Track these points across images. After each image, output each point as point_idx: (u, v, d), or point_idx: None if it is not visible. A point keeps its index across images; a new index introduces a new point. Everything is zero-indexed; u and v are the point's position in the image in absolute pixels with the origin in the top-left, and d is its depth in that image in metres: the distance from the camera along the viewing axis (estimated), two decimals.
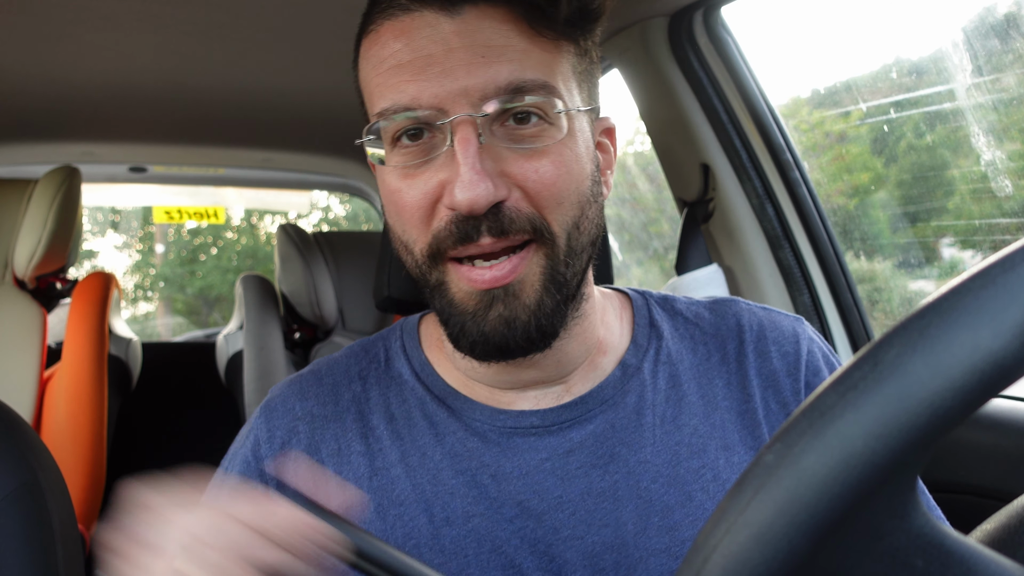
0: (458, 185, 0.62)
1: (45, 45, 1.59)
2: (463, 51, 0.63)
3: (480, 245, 0.65)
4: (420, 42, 0.64)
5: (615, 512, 0.72)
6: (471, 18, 0.64)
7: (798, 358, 0.79)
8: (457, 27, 0.64)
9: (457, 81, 0.63)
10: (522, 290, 0.66)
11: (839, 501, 0.29)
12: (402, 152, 0.67)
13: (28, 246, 1.92)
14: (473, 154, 0.62)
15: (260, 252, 10.59)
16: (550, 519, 0.71)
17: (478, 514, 0.71)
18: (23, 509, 0.99)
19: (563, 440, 0.74)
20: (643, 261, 3.58)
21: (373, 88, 0.68)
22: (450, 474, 0.73)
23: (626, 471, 0.73)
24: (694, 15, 1.51)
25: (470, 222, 0.64)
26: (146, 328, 9.48)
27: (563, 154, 0.66)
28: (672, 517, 0.72)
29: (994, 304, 0.29)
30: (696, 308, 0.85)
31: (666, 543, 0.71)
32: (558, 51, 0.67)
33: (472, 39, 0.63)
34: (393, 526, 0.72)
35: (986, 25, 1.39)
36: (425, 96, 0.63)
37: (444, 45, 0.64)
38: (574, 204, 0.67)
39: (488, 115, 0.63)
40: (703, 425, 0.76)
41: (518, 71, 0.63)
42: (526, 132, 0.65)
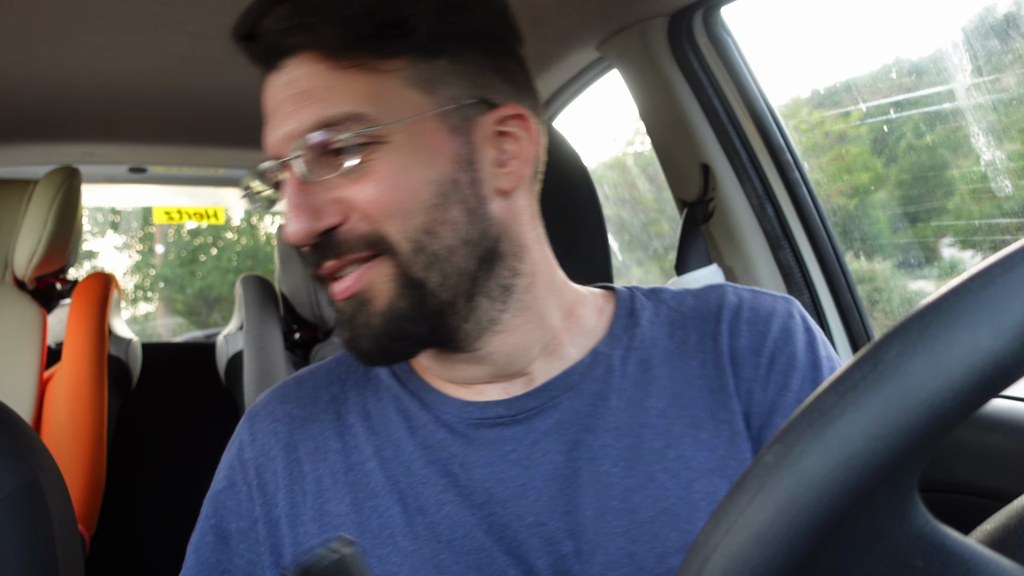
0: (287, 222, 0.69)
1: (45, 45, 1.59)
2: (285, 102, 0.69)
3: (326, 267, 0.71)
4: (266, 99, 0.72)
5: (576, 498, 0.73)
6: (290, 68, 0.69)
7: (766, 334, 0.79)
8: (283, 80, 0.70)
9: (279, 130, 0.69)
10: (372, 296, 0.71)
11: (839, 501, 0.29)
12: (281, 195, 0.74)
13: (28, 246, 1.92)
14: (292, 193, 0.69)
15: (260, 252, 10.59)
16: (514, 506, 0.73)
17: (449, 501, 0.73)
18: (23, 509, 0.99)
19: (529, 429, 0.75)
20: (643, 261, 3.58)
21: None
22: (422, 464, 0.75)
23: (589, 456, 0.74)
24: (694, 15, 1.51)
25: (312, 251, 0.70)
26: (146, 329, 9.48)
27: (386, 170, 0.69)
28: (632, 499, 0.72)
29: (994, 304, 0.29)
30: (682, 295, 0.86)
31: (624, 526, 0.71)
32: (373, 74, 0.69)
33: (292, 89, 0.69)
34: (369, 517, 0.74)
35: (986, 25, 1.39)
36: (269, 147, 0.71)
37: (274, 99, 0.70)
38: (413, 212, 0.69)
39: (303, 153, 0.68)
40: (671, 407, 0.76)
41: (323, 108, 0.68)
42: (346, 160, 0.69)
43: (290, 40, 0.69)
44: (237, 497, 0.80)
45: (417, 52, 0.71)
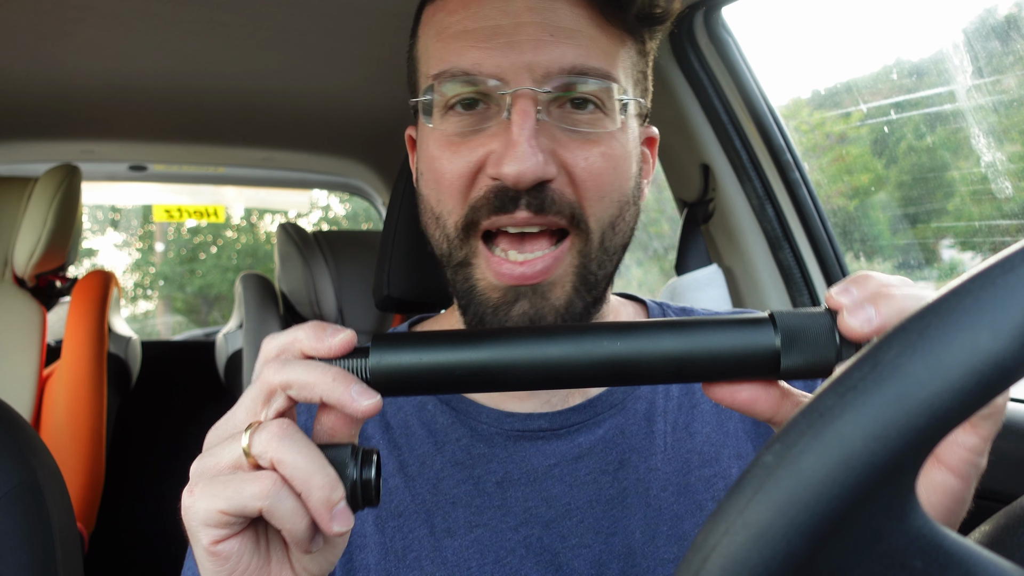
0: (509, 155, 0.61)
1: (46, 43, 1.59)
2: (532, 27, 0.63)
3: (515, 217, 0.64)
4: (489, 12, 0.64)
5: (624, 520, 0.70)
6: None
7: None
8: (529, 3, 0.64)
9: (523, 55, 0.63)
10: (552, 290, 0.65)
11: (838, 502, 0.29)
12: (454, 119, 0.66)
13: (28, 244, 1.92)
14: (530, 127, 0.61)
15: (260, 251, 10.59)
16: (557, 527, 0.70)
17: (482, 524, 0.70)
18: (22, 508, 0.99)
19: (572, 445, 0.72)
20: (643, 261, 3.58)
21: (432, 53, 0.67)
22: (451, 483, 0.72)
23: (636, 478, 0.72)
24: (695, 15, 1.50)
25: (510, 193, 0.63)
26: (145, 327, 9.48)
27: (613, 147, 0.65)
28: (682, 526, 0.71)
29: (994, 306, 0.29)
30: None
31: (675, 553, 0.70)
32: (622, 45, 0.67)
33: (542, 17, 0.63)
34: (392, 538, 0.70)
35: (986, 27, 1.39)
36: (487, 64, 0.63)
37: (514, 18, 0.63)
38: (614, 201, 0.66)
39: (549, 92, 0.63)
40: (716, 433, 0.75)
41: (583, 56, 0.63)
42: (582, 117, 0.64)
43: None
44: None
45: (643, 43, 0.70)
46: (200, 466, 0.48)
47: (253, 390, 0.49)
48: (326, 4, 1.40)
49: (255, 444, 0.46)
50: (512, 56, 0.63)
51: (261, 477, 0.46)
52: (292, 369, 0.48)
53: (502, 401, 0.75)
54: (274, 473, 0.46)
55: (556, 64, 0.63)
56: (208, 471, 0.47)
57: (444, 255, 0.69)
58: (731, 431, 0.75)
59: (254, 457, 0.46)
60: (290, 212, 8.27)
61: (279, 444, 0.46)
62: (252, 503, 0.45)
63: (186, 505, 0.47)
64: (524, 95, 0.62)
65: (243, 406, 0.50)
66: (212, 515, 0.46)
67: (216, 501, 0.46)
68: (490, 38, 0.63)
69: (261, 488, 0.45)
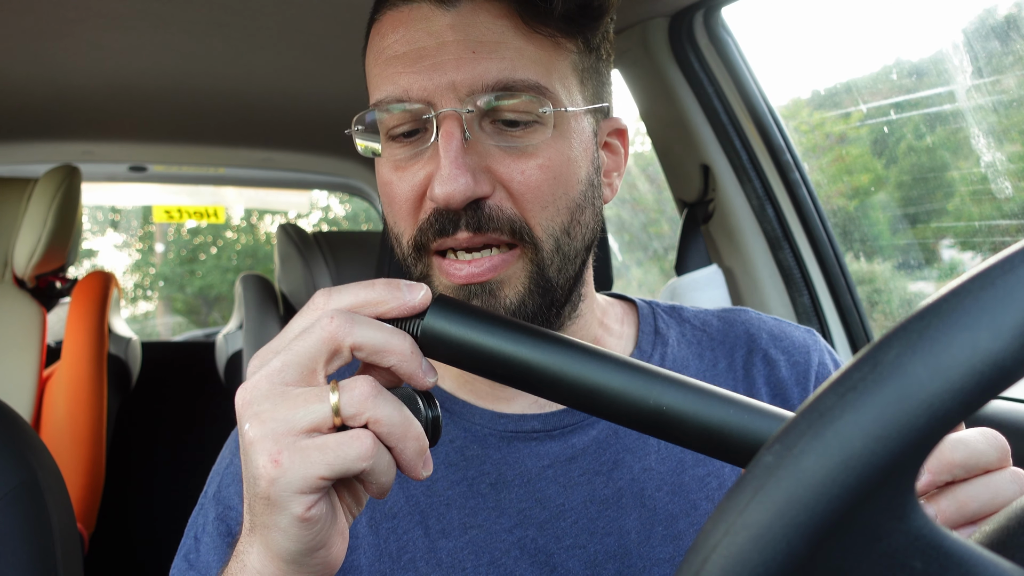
0: (437, 178, 0.62)
1: (46, 44, 1.59)
2: (455, 45, 0.63)
3: (456, 239, 0.64)
4: (415, 34, 0.64)
5: (618, 520, 0.71)
6: (466, 12, 0.63)
7: (808, 368, 0.79)
8: (451, 20, 0.63)
9: (445, 75, 0.62)
10: (501, 289, 0.65)
11: (838, 502, 0.29)
12: (395, 145, 0.67)
13: (28, 245, 1.92)
14: (454, 148, 0.61)
15: (260, 252, 10.59)
16: (552, 528, 0.70)
17: (476, 525, 0.70)
18: (22, 508, 0.99)
19: (565, 446, 0.73)
20: (643, 262, 3.58)
21: (372, 78, 0.69)
22: (445, 484, 0.72)
23: (630, 478, 0.72)
24: (694, 16, 1.51)
25: (449, 215, 0.63)
26: (146, 327, 9.48)
27: (552, 156, 0.65)
28: (676, 526, 0.71)
29: (994, 306, 0.29)
30: (704, 316, 0.85)
31: (670, 552, 0.70)
32: (556, 49, 0.66)
33: (465, 33, 0.63)
34: (387, 540, 0.70)
35: (986, 27, 1.39)
36: (415, 89, 0.63)
37: (437, 39, 0.63)
38: (562, 209, 0.66)
39: (473, 111, 0.63)
40: None
41: (508, 69, 0.63)
42: (514, 131, 0.64)
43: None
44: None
45: (588, 39, 0.68)
46: (270, 431, 0.45)
47: (312, 344, 0.47)
48: (326, 4, 1.40)
49: (347, 404, 0.45)
50: (435, 78, 0.63)
51: (360, 437, 0.45)
52: (367, 331, 0.47)
53: (494, 402, 0.75)
54: (369, 431, 0.46)
55: (479, 81, 0.62)
56: (286, 435, 0.45)
57: (406, 271, 0.70)
58: None
59: (342, 417, 0.45)
60: (290, 213, 8.27)
61: (375, 403, 0.46)
62: (357, 464, 0.45)
63: (273, 476, 0.45)
64: (448, 116, 0.62)
65: (295, 362, 0.47)
66: (311, 482, 0.45)
67: (316, 467, 0.44)
68: (416, 61, 0.64)
69: (364, 449, 0.45)
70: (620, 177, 0.77)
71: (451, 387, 0.77)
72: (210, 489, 0.75)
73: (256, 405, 0.47)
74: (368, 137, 0.68)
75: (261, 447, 0.45)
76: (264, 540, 0.48)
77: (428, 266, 0.67)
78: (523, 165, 0.64)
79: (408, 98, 0.63)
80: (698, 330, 0.83)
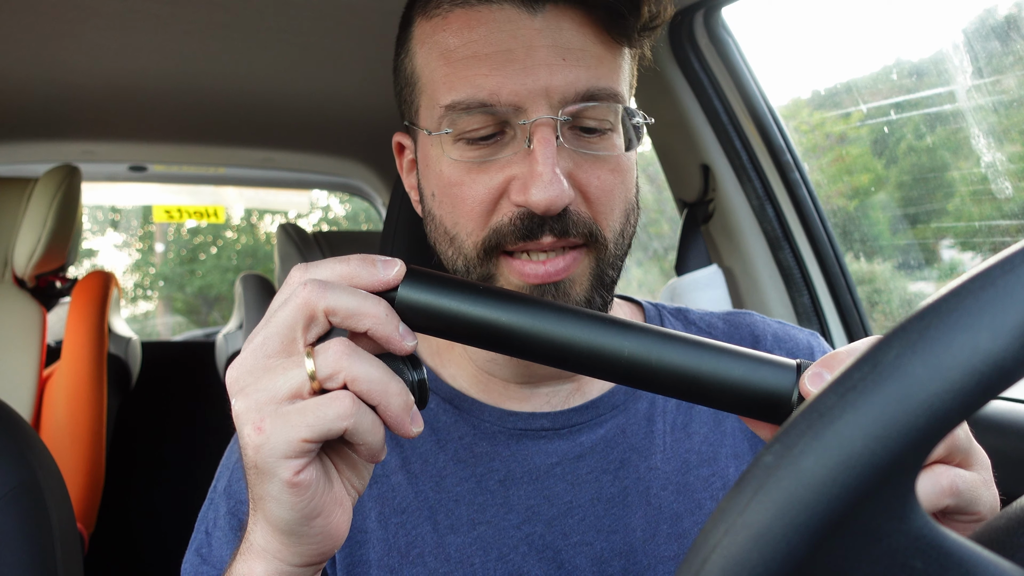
0: (537, 184, 0.61)
1: (46, 44, 1.59)
2: (544, 51, 0.63)
3: (540, 243, 0.64)
4: (499, 36, 0.63)
5: (624, 518, 0.71)
6: (551, 17, 0.63)
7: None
8: (538, 25, 0.63)
9: (539, 80, 0.62)
10: (572, 287, 0.66)
11: (838, 502, 0.29)
12: (471, 146, 0.65)
13: (28, 245, 1.92)
14: (552, 155, 0.62)
15: (260, 251, 10.58)
16: (559, 524, 0.71)
17: (484, 521, 0.71)
18: (22, 508, 0.99)
19: (573, 444, 0.73)
20: (643, 262, 3.58)
21: (438, 77, 0.66)
22: (454, 481, 0.72)
23: (636, 477, 0.73)
24: (695, 16, 1.51)
25: (536, 220, 0.63)
26: (146, 327, 9.47)
27: (621, 163, 0.67)
28: (681, 525, 0.72)
29: (994, 306, 0.29)
30: (710, 318, 0.85)
31: (674, 551, 0.71)
32: (622, 57, 0.68)
33: (552, 39, 0.63)
34: (396, 534, 0.71)
35: (986, 27, 1.39)
36: (504, 92, 0.63)
37: (524, 42, 0.63)
38: (623, 212, 0.68)
39: (568, 120, 0.63)
40: (713, 433, 0.76)
41: (594, 77, 0.64)
42: (592, 138, 0.65)
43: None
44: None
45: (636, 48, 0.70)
46: (253, 401, 0.47)
47: (289, 314, 0.48)
48: (326, 4, 1.40)
49: (322, 366, 0.46)
50: (528, 82, 0.62)
51: (339, 397, 0.46)
52: (341, 295, 0.48)
53: (505, 401, 0.75)
54: (347, 392, 0.46)
55: (571, 88, 0.63)
56: (267, 403, 0.46)
57: (458, 271, 0.70)
58: (728, 430, 0.77)
59: (319, 380, 0.46)
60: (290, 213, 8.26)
61: (350, 361, 0.46)
62: (337, 424, 0.45)
63: (257, 443, 0.46)
64: (544, 123, 0.62)
65: (275, 333, 0.48)
66: (294, 445, 0.45)
67: (297, 430, 0.45)
68: (504, 64, 0.63)
69: (343, 408, 0.46)
70: None
71: (463, 386, 0.77)
72: (220, 484, 0.76)
73: (242, 380, 0.48)
74: (439, 136, 0.67)
75: (246, 417, 0.47)
76: (263, 513, 0.49)
77: (495, 266, 0.67)
78: (599, 171, 0.65)
79: (496, 101, 0.63)
80: (704, 332, 0.83)
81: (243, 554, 0.53)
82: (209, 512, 0.74)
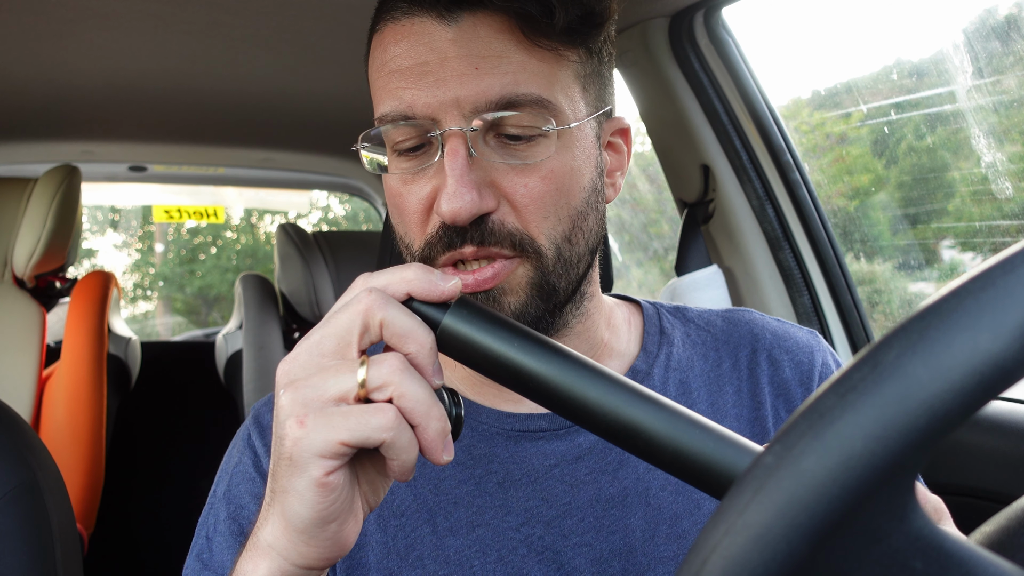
0: (443, 196, 0.62)
1: (45, 44, 1.59)
2: (457, 61, 0.63)
3: (463, 252, 0.65)
4: (417, 49, 0.64)
5: (624, 519, 0.71)
6: (467, 26, 0.63)
7: (811, 368, 0.79)
8: (453, 35, 0.63)
9: (449, 91, 0.63)
10: (503, 295, 0.67)
11: (838, 503, 0.29)
12: (402, 159, 0.68)
13: (27, 245, 1.92)
14: (460, 166, 0.62)
15: (260, 252, 10.59)
16: (559, 526, 0.71)
17: (483, 523, 0.71)
18: (22, 508, 0.99)
19: (572, 445, 0.73)
20: (643, 262, 3.58)
21: (376, 89, 0.69)
22: (453, 483, 0.72)
23: (635, 477, 0.73)
24: (695, 16, 1.51)
25: (456, 230, 0.64)
26: (145, 327, 9.47)
27: (554, 169, 0.66)
28: (680, 525, 0.72)
29: (994, 306, 0.29)
30: (709, 316, 0.85)
31: (674, 551, 0.71)
32: (558, 60, 0.66)
33: (467, 48, 0.63)
34: (394, 537, 0.71)
35: (987, 27, 1.39)
36: (419, 105, 0.64)
37: (439, 53, 0.63)
38: (564, 218, 0.67)
39: (477, 129, 0.63)
40: None
41: (511, 84, 0.63)
42: (517, 146, 0.65)
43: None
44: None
45: (590, 46, 0.69)
46: (300, 396, 0.47)
47: (348, 318, 0.49)
48: (326, 4, 1.40)
49: (375, 377, 0.47)
50: (439, 94, 0.63)
51: (384, 409, 0.47)
52: (399, 314, 0.49)
53: (502, 403, 0.76)
54: (394, 406, 0.47)
55: (483, 98, 0.63)
56: (314, 400, 0.47)
57: None
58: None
59: (368, 389, 0.47)
60: (290, 213, 8.27)
61: (402, 378, 0.47)
62: (377, 435, 0.46)
63: (296, 436, 0.47)
64: (452, 135, 0.63)
65: (333, 334, 0.49)
66: (331, 446, 0.46)
67: (337, 432, 0.46)
68: (419, 77, 0.64)
69: (386, 420, 0.46)
70: (623, 175, 0.78)
71: (460, 387, 0.78)
72: (219, 488, 0.76)
73: (293, 373, 0.49)
74: (374, 149, 0.70)
75: (291, 410, 0.48)
76: (282, 507, 0.49)
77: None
78: (526, 179, 0.65)
79: (413, 114, 0.64)
80: (703, 331, 0.83)
81: (248, 551, 0.53)
82: (209, 517, 0.74)
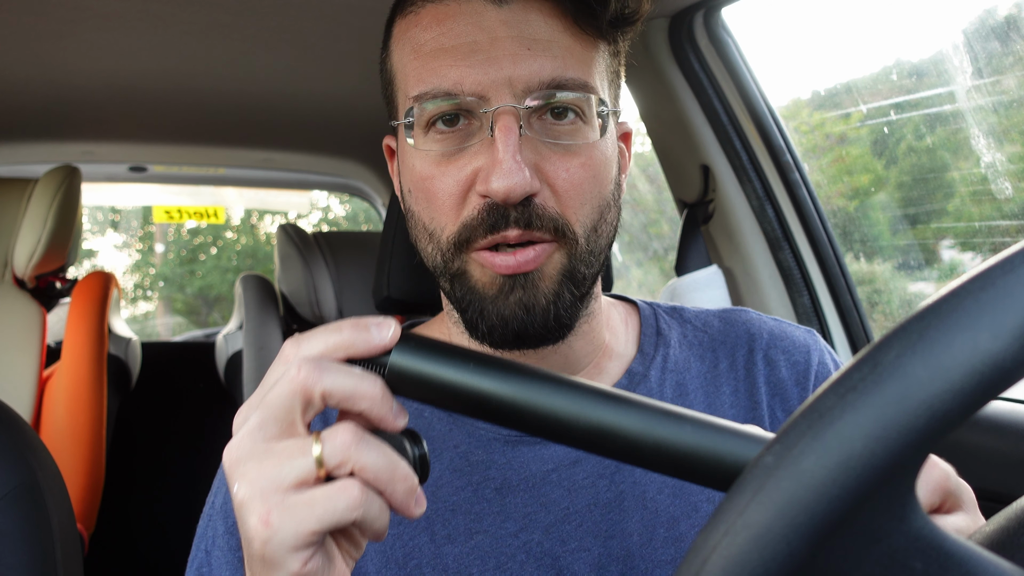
0: (496, 172, 0.61)
1: (45, 44, 1.59)
2: (508, 41, 0.63)
3: (506, 235, 0.64)
4: (464, 28, 0.64)
5: (621, 523, 0.71)
6: (517, 9, 0.64)
7: (808, 368, 0.79)
8: (503, 16, 0.64)
9: (502, 70, 0.63)
10: (541, 280, 0.66)
11: (838, 503, 0.29)
12: (437, 138, 0.66)
13: (28, 245, 1.92)
14: (514, 143, 0.62)
15: (260, 252, 10.58)
16: (557, 531, 0.70)
17: (481, 530, 0.70)
18: (22, 509, 0.99)
19: (569, 450, 0.73)
20: (643, 262, 3.58)
21: (409, 71, 0.68)
22: (450, 490, 0.72)
23: (632, 481, 0.73)
24: (694, 16, 1.51)
25: (500, 211, 0.63)
26: (145, 328, 9.47)
27: (593, 156, 0.66)
28: (678, 528, 0.72)
29: (994, 306, 0.29)
30: (705, 316, 0.85)
31: (672, 554, 0.71)
32: (596, 50, 0.67)
33: (518, 30, 0.63)
34: (392, 546, 0.71)
35: (986, 27, 1.39)
36: (468, 82, 0.63)
37: (489, 34, 0.63)
38: (595, 207, 0.67)
39: (529, 108, 0.63)
40: None
41: (561, 68, 0.64)
42: (562, 129, 0.65)
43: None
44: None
45: (618, 43, 0.70)
46: (258, 490, 0.45)
47: (283, 397, 0.46)
48: (326, 4, 1.40)
49: (330, 455, 0.45)
50: (491, 72, 0.63)
51: (348, 487, 0.44)
52: (336, 377, 0.46)
53: None
54: (355, 480, 0.45)
55: (535, 78, 0.63)
56: (273, 492, 0.45)
57: (438, 266, 0.70)
58: None
59: (327, 468, 0.45)
60: (290, 213, 8.26)
61: (358, 450, 0.45)
62: (347, 516, 0.44)
63: (264, 537, 0.44)
64: (506, 112, 0.62)
65: (272, 417, 0.46)
66: (303, 538, 0.44)
67: (306, 523, 0.44)
68: (468, 55, 0.63)
69: (352, 499, 0.44)
70: (625, 178, 0.78)
71: None
72: (216, 500, 0.75)
73: (242, 465, 0.46)
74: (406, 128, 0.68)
75: (251, 507, 0.45)
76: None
77: (466, 261, 0.67)
78: (568, 163, 0.65)
79: (460, 91, 0.63)
80: (699, 331, 0.83)
81: None
82: (208, 530, 0.73)
